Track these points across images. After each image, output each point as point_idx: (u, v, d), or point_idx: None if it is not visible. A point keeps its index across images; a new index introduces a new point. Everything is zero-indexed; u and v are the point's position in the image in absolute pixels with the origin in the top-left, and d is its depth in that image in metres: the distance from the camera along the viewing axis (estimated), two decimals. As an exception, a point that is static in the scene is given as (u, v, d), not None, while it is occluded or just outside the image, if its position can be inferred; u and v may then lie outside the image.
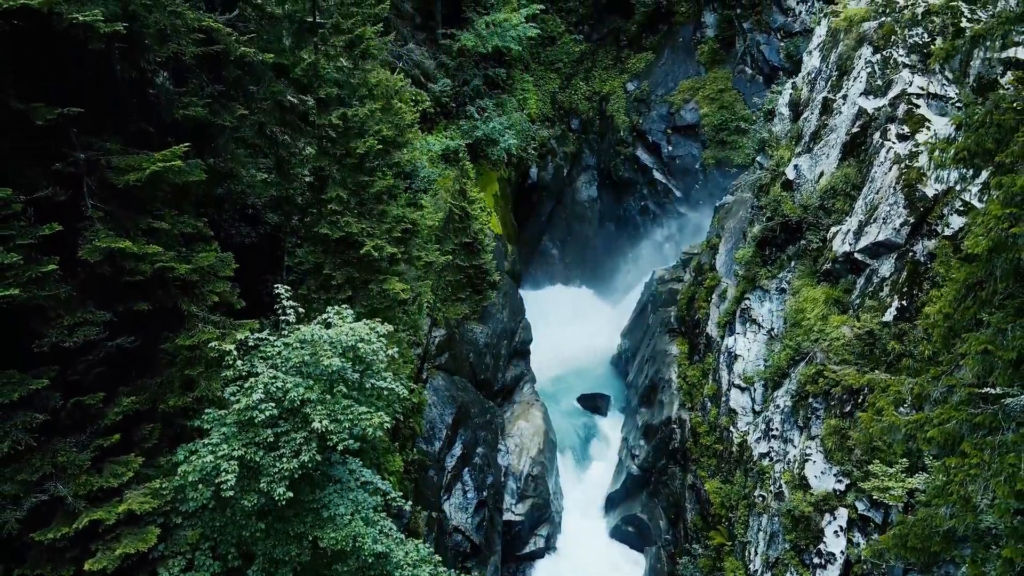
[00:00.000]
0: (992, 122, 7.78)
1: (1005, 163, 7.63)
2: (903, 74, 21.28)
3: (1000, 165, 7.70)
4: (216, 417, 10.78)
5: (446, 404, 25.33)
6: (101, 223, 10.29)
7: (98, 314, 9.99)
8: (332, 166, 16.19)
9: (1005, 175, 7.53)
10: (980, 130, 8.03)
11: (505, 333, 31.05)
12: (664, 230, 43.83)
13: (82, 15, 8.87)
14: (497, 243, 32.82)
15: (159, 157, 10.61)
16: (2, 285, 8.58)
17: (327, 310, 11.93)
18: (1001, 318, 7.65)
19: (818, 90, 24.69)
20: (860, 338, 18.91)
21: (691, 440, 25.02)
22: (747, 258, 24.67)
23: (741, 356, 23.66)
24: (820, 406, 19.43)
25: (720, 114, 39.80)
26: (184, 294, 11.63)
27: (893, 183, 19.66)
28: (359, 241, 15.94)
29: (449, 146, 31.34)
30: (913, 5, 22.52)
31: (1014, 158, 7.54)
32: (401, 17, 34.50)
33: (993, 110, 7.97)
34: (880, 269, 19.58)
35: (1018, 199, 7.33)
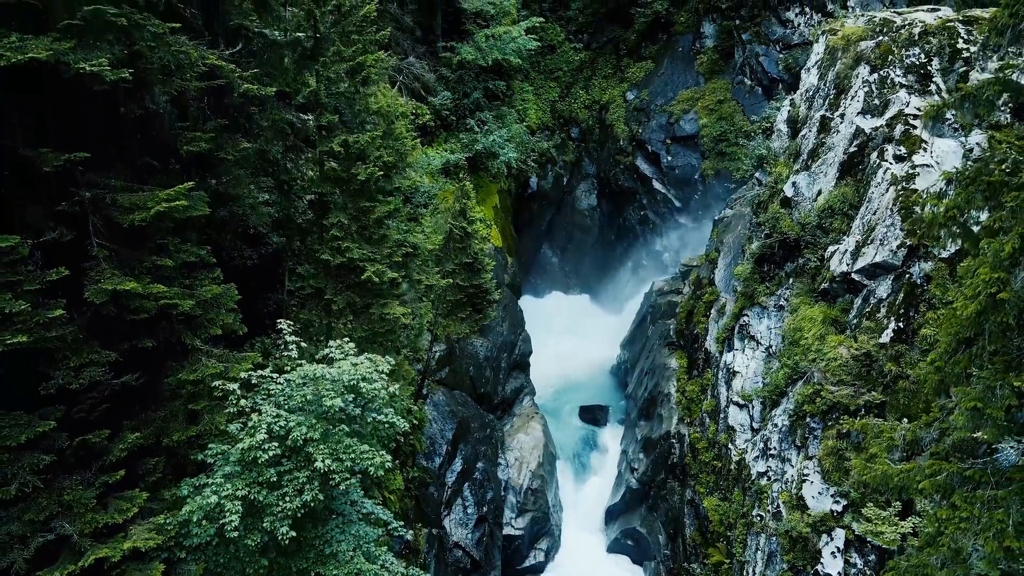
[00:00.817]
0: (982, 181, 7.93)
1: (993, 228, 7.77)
2: (900, 94, 21.43)
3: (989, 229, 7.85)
4: (220, 452, 10.92)
5: (446, 419, 25.48)
6: (106, 262, 10.43)
7: (104, 354, 10.13)
8: (333, 191, 16.33)
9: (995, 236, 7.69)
10: (970, 187, 8.18)
11: (505, 346, 31.21)
12: (664, 239, 43.96)
13: (89, 65, 9.01)
14: (497, 255, 32.99)
15: (163, 196, 10.75)
16: (10, 331, 8.73)
17: (329, 343, 12.06)
18: (990, 374, 7.80)
19: (816, 108, 24.83)
20: (857, 359, 19.06)
21: (690, 455, 25.15)
22: (745, 274, 24.81)
23: (740, 373, 23.79)
24: (818, 426, 19.58)
25: (719, 125, 39.94)
26: (187, 327, 11.77)
27: (890, 204, 19.81)
28: (360, 266, 16.08)
29: (449, 160, 31.52)
30: (910, 25, 22.69)
31: (1002, 223, 7.68)
32: (401, 30, 34.65)
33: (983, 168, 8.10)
34: (877, 290, 19.73)
35: (1006, 264, 7.48)
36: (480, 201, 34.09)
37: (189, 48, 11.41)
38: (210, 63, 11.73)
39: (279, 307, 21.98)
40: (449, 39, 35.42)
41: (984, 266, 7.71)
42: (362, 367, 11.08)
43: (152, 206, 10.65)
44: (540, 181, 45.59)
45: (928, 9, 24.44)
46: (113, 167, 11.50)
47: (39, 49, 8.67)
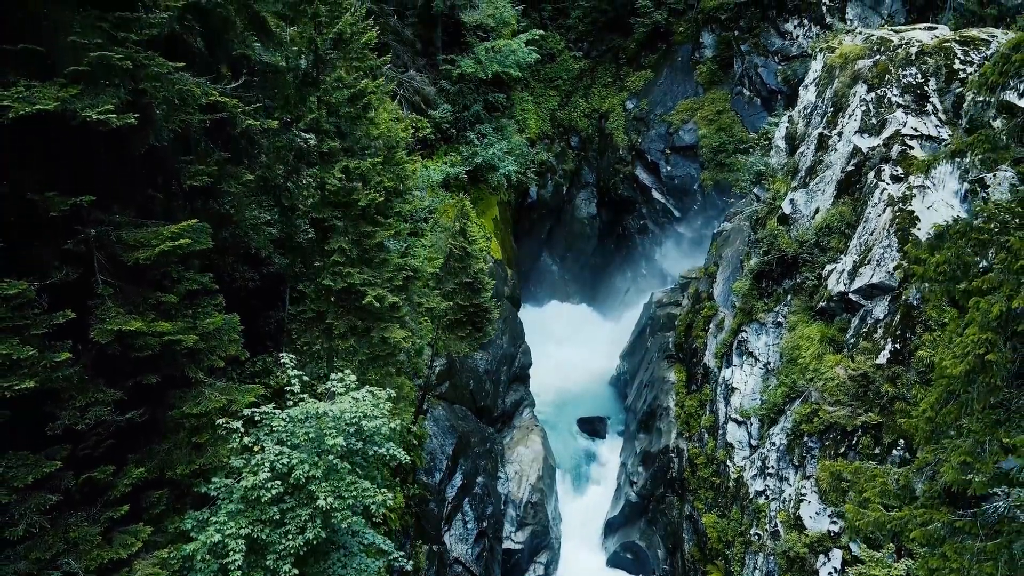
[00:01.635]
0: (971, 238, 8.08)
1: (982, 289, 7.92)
2: (897, 114, 21.57)
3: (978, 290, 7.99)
4: (223, 486, 11.06)
5: (446, 434, 25.62)
6: (111, 300, 10.57)
7: (109, 393, 10.27)
8: (335, 216, 16.47)
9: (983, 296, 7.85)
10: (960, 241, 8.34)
11: (505, 359, 31.35)
12: (663, 249, 44.11)
13: (96, 112, 9.16)
14: (497, 268, 33.14)
15: (167, 234, 10.89)
16: (17, 376, 8.88)
17: (331, 376, 12.20)
18: (979, 429, 7.94)
19: (814, 125, 24.97)
20: (854, 380, 19.21)
21: (688, 470, 25.30)
22: (744, 290, 24.95)
23: (738, 389, 23.93)
24: (815, 445, 19.73)
25: (718, 136, 40.09)
26: (191, 360, 11.91)
27: (887, 225, 19.96)
28: (361, 291, 16.23)
29: (449, 173, 31.67)
30: (907, 45, 22.83)
31: (991, 284, 7.83)
32: (402, 43, 34.82)
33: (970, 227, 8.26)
34: (874, 310, 19.88)
35: (994, 325, 7.63)
36: (480, 213, 34.27)
37: (192, 85, 11.55)
38: (213, 99, 11.87)
39: (280, 325, 22.19)
40: (449, 52, 35.57)
41: (973, 325, 7.87)
42: (363, 404, 11.23)
43: (156, 244, 10.80)
44: (540, 190, 45.73)
45: (925, 28, 24.61)
46: (117, 201, 11.66)
47: (46, 99, 8.82)
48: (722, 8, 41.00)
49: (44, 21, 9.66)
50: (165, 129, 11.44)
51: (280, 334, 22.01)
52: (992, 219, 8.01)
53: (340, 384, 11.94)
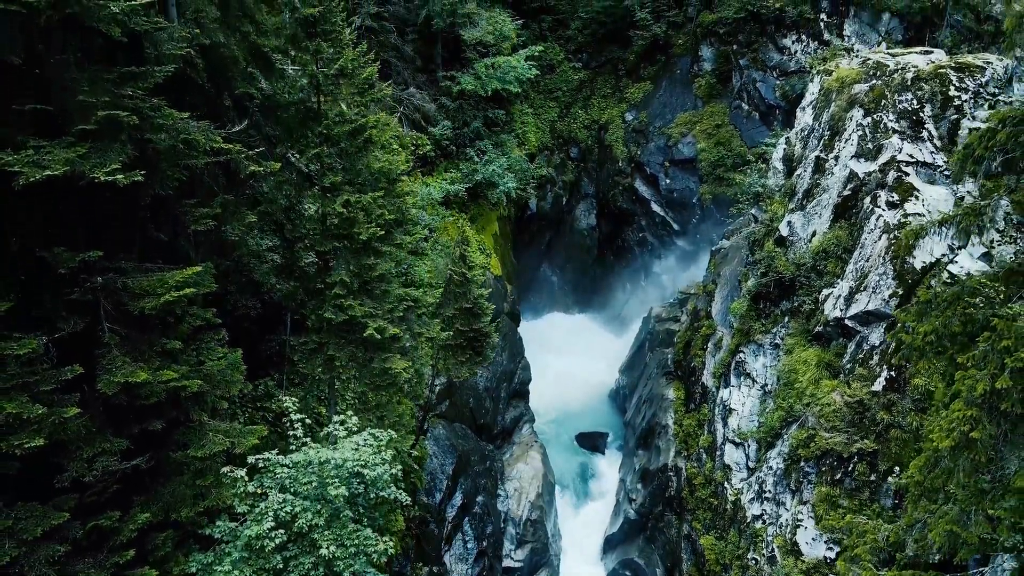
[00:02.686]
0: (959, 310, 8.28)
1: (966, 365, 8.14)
2: (893, 140, 21.77)
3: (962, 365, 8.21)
4: (228, 529, 11.26)
5: (447, 454, 25.82)
6: (117, 349, 10.77)
7: (116, 442, 10.47)
8: (336, 248, 16.67)
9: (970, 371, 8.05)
10: (948, 311, 8.53)
11: (505, 375, 31.55)
12: (662, 262, 44.30)
13: (103, 174, 9.36)
14: (496, 284, 33.34)
15: (172, 283, 11.10)
16: (28, 434, 9.08)
17: (332, 419, 12.40)
18: (965, 498, 8.14)
19: (811, 148, 25.17)
20: (850, 406, 19.40)
21: (687, 490, 25.50)
22: (741, 311, 25.14)
23: (736, 410, 24.13)
24: (812, 470, 19.92)
25: (717, 151, 40.28)
26: (195, 403, 12.11)
27: (882, 252, 20.16)
28: (362, 323, 16.41)
29: (449, 191, 31.88)
30: (903, 70, 23.04)
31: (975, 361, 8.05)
32: (402, 59, 35.02)
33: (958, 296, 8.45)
34: (870, 337, 20.08)
35: (979, 402, 7.83)
36: (480, 229, 34.48)
37: (197, 133, 11.76)
38: (217, 146, 12.08)
39: (282, 348, 22.40)
40: (449, 68, 35.79)
41: (960, 400, 8.07)
42: (365, 451, 11.42)
43: (162, 293, 11.00)
44: (540, 202, 45.90)
45: (921, 52, 24.81)
46: (122, 248, 11.86)
47: (55, 164, 9.02)
48: (720, 22, 41.19)
49: (53, 81, 9.86)
50: (170, 179, 11.64)
51: (282, 357, 22.25)
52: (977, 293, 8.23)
53: (342, 427, 12.13)
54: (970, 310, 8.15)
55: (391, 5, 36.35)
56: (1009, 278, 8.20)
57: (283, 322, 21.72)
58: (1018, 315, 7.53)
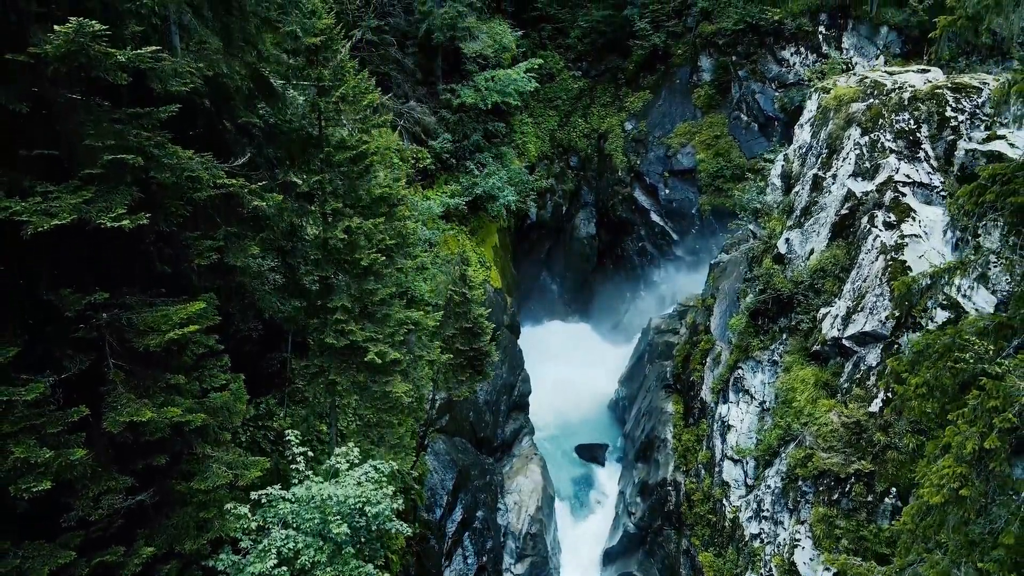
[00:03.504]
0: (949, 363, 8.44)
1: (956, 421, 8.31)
2: (890, 160, 21.93)
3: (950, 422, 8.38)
4: (231, 563, 11.42)
5: (447, 469, 25.97)
6: (123, 385, 10.92)
7: (121, 480, 10.61)
8: (337, 273, 16.82)
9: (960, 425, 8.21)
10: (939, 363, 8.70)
11: (505, 388, 31.70)
12: (661, 271, 44.49)
13: (110, 219, 9.51)
14: (496, 297, 33.51)
15: (176, 320, 11.24)
16: (34, 477, 9.23)
17: (334, 452, 12.55)
18: (955, 551, 8.31)
19: (809, 166, 25.32)
20: (847, 427, 19.56)
21: (686, 505, 25.65)
22: (740, 328, 25.29)
23: (734, 427, 24.28)
24: (809, 490, 20.07)
25: (716, 162, 40.46)
26: (199, 436, 12.26)
27: (879, 273, 20.31)
28: (363, 348, 16.56)
29: (449, 205, 32.05)
30: (900, 89, 23.20)
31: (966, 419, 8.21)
32: (403, 72, 35.20)
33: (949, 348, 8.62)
34: (867, 357, 20.22)
35: (968, 459, 7.99)
36: (480, 242, 34.65)
37: (201, 170, 11.91)
38: (222, 183, 12.23)
39: (282, 367, 22.54)
40: (450, 80, 35.96)
41: (949, 456, 8.24)
42: (366, 488, 11.58)
43: (166, 330, 11.14)
44: (540, 211, 46.04)
45: (918, 70, 24.98)
46: (127, 282, 12.01)
47: (63, 212, 9.17)
48: (720, 33, 41.38)
49: (59, 125, 10.01)
50: (174, 215, 11.80)
51: (283, 375, 22.40)
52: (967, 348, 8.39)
53: (344, 459, 12.29)
54: (960, 365, 8.34)
55: (392, 18, 36.53)
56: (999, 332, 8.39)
57: (284, 340, 21.88)
58: (1006, 373, 7.71)
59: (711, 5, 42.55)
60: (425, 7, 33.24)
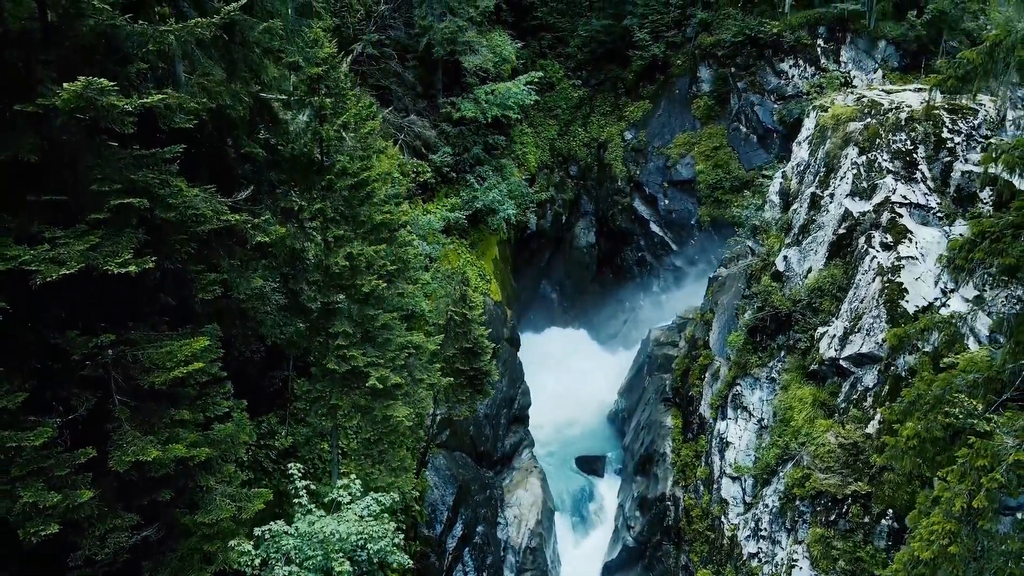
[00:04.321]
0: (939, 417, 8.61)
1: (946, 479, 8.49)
2: (887, 180, 22.08)
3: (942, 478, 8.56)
4: (235, 597, 11.60)
5: (447, 484, 26.13)
6: (128, 423, 11.09)
7: (127, 517, 10.79)
8: (339, 299, 16.99)
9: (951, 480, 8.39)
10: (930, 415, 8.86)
11: (505, 402, 31.85)
12: (661, 281, 44.64)
13: (116, 265, 9.68)
14: (496, 310, 33.67)
15: (181, 357, 11.41)
16: (43, 521, 9.40)
17: (336, 483, 12.72)
18: None
19: (807, 184, 25.49)
20: (844, 448, 19.72)
21: (684, 520, 25.81)
22: (738, 344, 25.45)
23: (732, 444, 24.44)
24: (807, 510, 20.23)
25: (715, 173, 40.61)
26: (203, 469, 12.43)
27: (876, 295, 20.47)
28: (365, 372, 16.74)
29: (449, 219, 32.22)
30: (897, 109, 23.36)
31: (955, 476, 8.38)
32: (403, 85, 35.36)
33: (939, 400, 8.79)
34: (864, 378, 20.38)
35: (957, 515, 8.17)
36: (480, 255, 34.81)
37: (205, 207, 12.07)
38: (226, 219, 12.39)
39: (284, 385, 22.69)
40: (450, 92, 36.12)
41: (939, 512, 8.41)
42: (368, 524, 11.75)
43: (171, 368, 11.31)
44: (539, 220, 46.20)
45: (915, 89, 25.14)
46: (132, 317, 12.18)
47: (71, 260, 9.34)
48: (719, 45, 41.52)
49: (67, 170, 10.18)
50: (179, 252, 11.97)
51: (285, 393, 22.56)
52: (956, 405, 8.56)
53: (345, 492, 12.46)
54: (950, 420, 8.50)
55: (392, 31, 36.71)
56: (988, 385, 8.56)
57: (286, 359, 22.04)
58: (995, 431, 7.87)
59: (710, 17, 42.75)
60: (425, 22, 33.40)
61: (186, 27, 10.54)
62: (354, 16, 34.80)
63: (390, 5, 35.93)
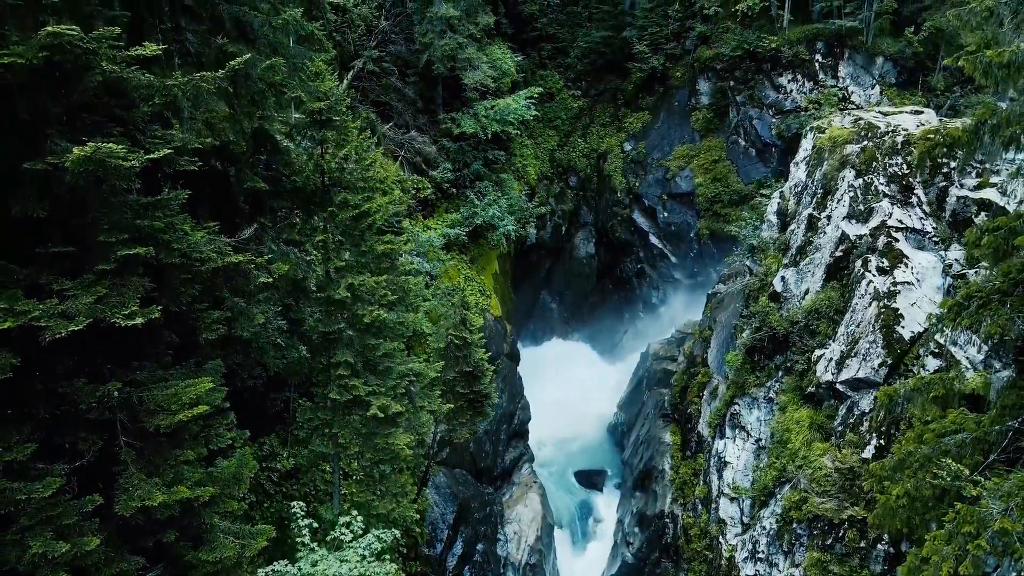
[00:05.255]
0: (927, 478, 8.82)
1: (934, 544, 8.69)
2: (883, 204, 22.28)
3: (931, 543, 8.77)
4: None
5: (447, 502, 26.31)
6: (134, 465, 11.27)
7: (133, 561, 10.98)
8: (341, 329, 17.18)
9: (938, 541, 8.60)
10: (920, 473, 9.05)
11: (505, 417, 32.04)
12: (660, 293, 44.86)
13: (122, 318, 9.88)
14: (496, 325, 33.86)
15: (186, 400, 11.59)
16: (52, 570, 9.59)
17: (337, 522, 12.92)
18: None
19: (804, 205, 25.68)
20: (841, 472, 19.91)
21: (683, 538, 26.00)
22: (736, 364, 25.64)
23: (731, 463, 24.63)
24: (804, 533, 20.43)
25: (714, 187, 40.81)
26: (207, 506, 12.61)
27: (872, 320, 20.66)
28: (366, 402, 16.93)
29: (449, 235, 32.42)
30: (893, 133, 23.57)
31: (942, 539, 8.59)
32: (404, 101, 35.57)
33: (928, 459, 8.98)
34: (860, 403, 20.58)
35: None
36: (480, 270, 35.01)
37: (209, 251, 12.27)
38: (229, 260, 12.58)
39: (286, 405, 22.89)
40: (450, 107, 36.31)
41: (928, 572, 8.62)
42: (370, 567, 11.95)
43: (176, 411, 11.49)
44: (539, 231, 46.40)
45: (911, 111, 25.35)
46: (137, 356, 12.37)
47: (80, 316, 9.53)
48: (718, 58, 41.72)
49: (75, 220, 10.37)
50: (184, 295, 12.16)
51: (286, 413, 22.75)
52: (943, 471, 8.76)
53: (347, 530, 12.66)
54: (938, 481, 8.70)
55: (393, 45, 36.93)
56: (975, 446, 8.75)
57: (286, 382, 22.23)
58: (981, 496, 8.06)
59: (709, 30, 42.95)
60: (426, 38, 33.61)
61: (192, 81, 10.74)
62: (355, 31, 35.03)
63: (391, 21, 36.15)
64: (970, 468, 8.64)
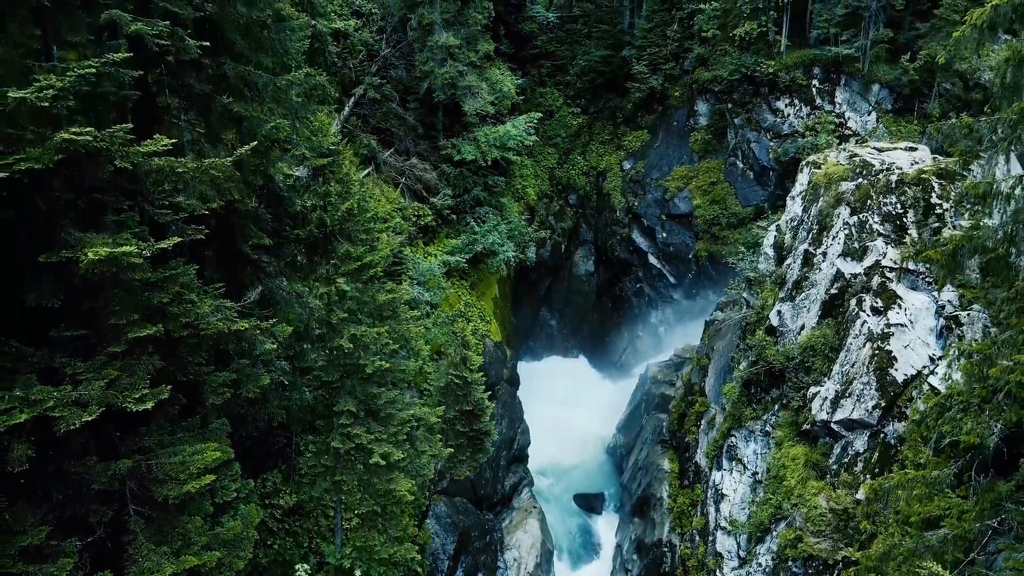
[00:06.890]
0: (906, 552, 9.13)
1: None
2: (878, 243, 22.60)
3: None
4: None
5: (448, 532, 26.62)
6: (143, 534, 11.60)
7: (143, 631, 11.32)
8: (343, 378, 17.50)
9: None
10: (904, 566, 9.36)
11: (504, 443, 32.34)
12: (659, 313, 45.17)
13: (133, 403, 10.20)
14: (496, 351, 34.17)
15: (195, 469, 11.92)
16: (66, 648, 9.93)
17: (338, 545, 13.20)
18: None
19: (800, 239, 26.00)
20: (835, 513, 20.23)
21: (681, 569, 26.31)
22: (733, 396, 25.96)
23: (727, 496, 24.94)
24: (799, 572, 20.74)
25: (712, 209, 41.11)
26: (215, 571, 12.94)
27: (866, 361, 20.97)
28: (368, 449, 17.24)
29: (450, 263, 32.74)
30: (887, 171, 23.89)
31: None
32: (404, 127, 35.90)
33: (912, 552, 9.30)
34: (855, 443, 20.89)
35: None
36: (480, 295, 35.32)
37: (216, 322, 12.58)
38: (235, 329, 12.89)
39: (289, 441, 23.18)
40: (450, 133, 36.63)
41: None
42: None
43: (184, 480, 11.82)
44: (539, 250, 46.68)
45: (906, 148, 25.67)
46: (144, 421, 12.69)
47: (93, 404, 9.86)
48: (716, 80, 42.05)
49: (87, 304, 10.69)
50: (191, 364, 12.47)
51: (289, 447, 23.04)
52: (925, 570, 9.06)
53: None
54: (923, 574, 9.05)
55: (394, 70, 37.27)
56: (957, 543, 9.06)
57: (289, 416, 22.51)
58: (960, 600, 8.41)
59: (707, 52, 43.25)
60: (426, 66, 33.93)
61: (201, 167, 11.05)
62: (356, 57, 35.37)
63: (392, 48, 36.49)
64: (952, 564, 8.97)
